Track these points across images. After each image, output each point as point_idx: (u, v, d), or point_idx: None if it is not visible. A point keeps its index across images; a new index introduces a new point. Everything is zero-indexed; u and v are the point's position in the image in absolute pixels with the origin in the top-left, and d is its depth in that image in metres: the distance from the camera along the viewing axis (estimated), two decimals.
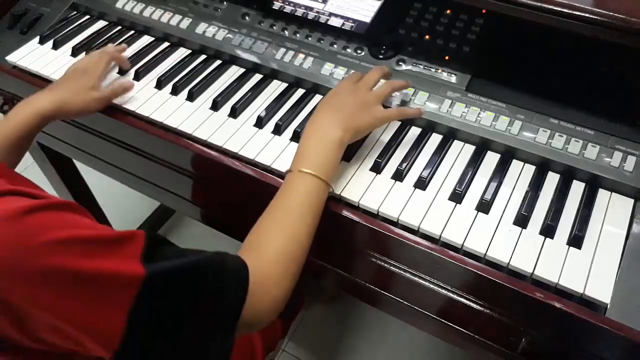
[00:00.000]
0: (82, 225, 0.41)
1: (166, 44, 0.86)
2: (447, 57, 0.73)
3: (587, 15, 0.62)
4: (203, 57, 0.83)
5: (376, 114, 0.64)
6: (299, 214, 0.54)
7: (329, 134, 0.60)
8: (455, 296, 0.62)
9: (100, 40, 0.87)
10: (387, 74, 0.70)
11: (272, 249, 0.52)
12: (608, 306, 0.51)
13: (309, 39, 0.79)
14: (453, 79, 0.71)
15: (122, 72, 0.81)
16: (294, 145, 0.69)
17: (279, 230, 0.53)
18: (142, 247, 0.42)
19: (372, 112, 0.64)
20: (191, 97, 0.76)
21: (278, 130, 0.71)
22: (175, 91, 0.77)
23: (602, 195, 0.61)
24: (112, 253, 0.41)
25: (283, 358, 1.32)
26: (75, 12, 0.94)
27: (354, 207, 0.62)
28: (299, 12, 0.81)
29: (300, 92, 0.77)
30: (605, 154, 0.62)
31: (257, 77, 0.80)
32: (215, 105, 0.74)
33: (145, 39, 0.88)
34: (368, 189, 0.63)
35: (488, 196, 0.61)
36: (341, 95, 0.65)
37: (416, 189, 0.63)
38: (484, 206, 0.60)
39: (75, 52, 0.85)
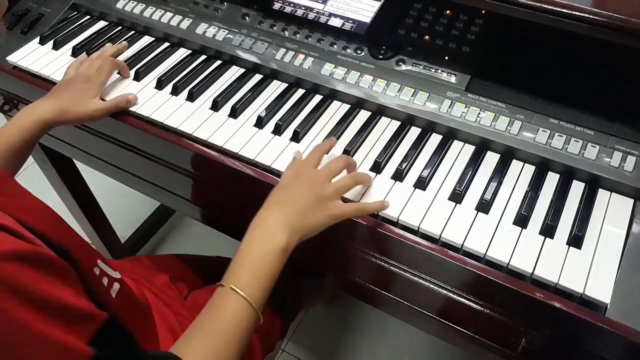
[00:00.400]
0: (50, 284, 0.40)
1: (166, 44, 0.86)
2: (446, 58, 0.73)
3: (586, 15, 0.62)
4: (203, 57, 0.83)
5: (332, 211, 0.57)
6: (226, 339, 0.51)
7: (273, 239, 0.54)
8: (455, 296, 0.62)
9: (101, 41, 0.87)
10: (352, 165, 0.63)
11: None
12: (608, 306, 0.52)
13: (309, 39, 0.79)
14: (453, 79, 0.71)
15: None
16: (294, 145, 0.69)
17: (207, 348, 0.50)
18: (95, 330, 0.42)
19: (327, 209, 0.57)
20: (191, 97, 0.76)
21: (278, 130, 0.71)
22: (175, 91, 0.77)
23: (602, 195, 0.61)
24: (66, 324, 0.40)
25: (283, 358, 1.32)
26: (75, 13, 0.94)
27: None
28: (299, 12, 0.81)
29: (300, 92, 0.77)
30: (605, 154, 0.62)
31: (257, 77, 0.80)
32: (216, 106, 0.74)
33: (146, 39, 0.88)
34: (368, 190, 0.63)
35: (488, 196, 0.61)
36: (296, 186, 0.58)
37: (416, 189, 0.63)
38: (483, 206, 0.60)
39: (75, 52, 0.86)
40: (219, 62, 0.82)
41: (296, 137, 0.70)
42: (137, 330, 0.59)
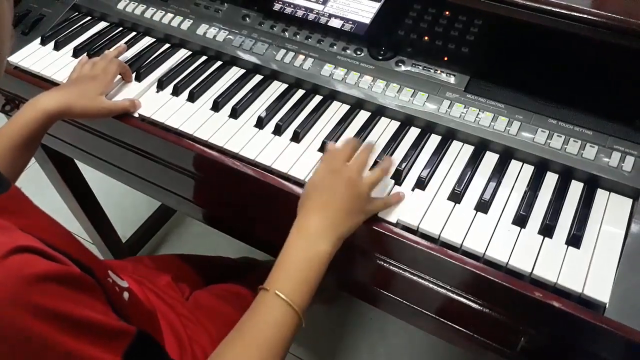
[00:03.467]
0: (82, 304, 0.41)
1: (167, 45, 0.87)
2: (446, 58, 0.73)
3: (585, 16, 0.62)
4: (204, 58, 0.84)
5: (367, 207, 0.58)
6: (269, 345, 0.50)
7: (316, 246, 0.54)
8: (454, 296, 0.62)
9: (102, 42, 0.88)
10: (371, 148, 0.63)
11: None
12: (607, 306, 0.52)
13: (309, 40, 0.79)
14: (452, 79, 0.72)
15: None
16: (294, 145, 0.70)
17: (250, 355, 0.50)
18: (127, 345, 0.43)
19: (363, 207, 0.58)
20: (192, 97, 0.76)
21: (278, 130, 0.71)
22: (176, 92, 0.78)
23: (601, 195, 0.61)
24: (99, 341, 0.40)
25: None
26: (76, 13, 0.94)
27: None
28: (299, 13, 0.81)
29: (300, 92, 0.77)
30: (604, 154, 0.62)
31: (258, 78, 0.80)
32: (216, 106, 0.75)
33: (147, 40, 0.88)
34: None
35: (487, 196, 0.61)
36: (335, 187, 0.57)
37: (415, 189, 0.63)
38: (482, 206, 0.60)
39: (76, 53, 0.86)
40: (219, 62, 0.83)
41: (296, 138, 0.70)
42: None
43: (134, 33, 0.90)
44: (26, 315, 0.36)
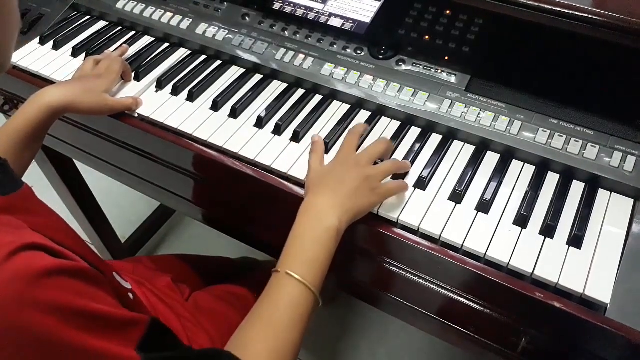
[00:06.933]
0: (93, 297, 0.40)
1: (166, 45, 0.86)
2: (446, 58, 0.73)
3: (586, 15, 0.62)
4: (203, 57, 0.83)
5: (379, 189, 0.58)
6: (287, 325, 0.50)
7: (324, 223, 0.54)
8: (455, 296, 0.62)
9: (101, 41, 0.88)
10: (391, 148, 0.64)
11: (263, 352, 0.49)
12: (608, 306, 0.52)
13: (309, 39, 0.79)
14: (453, 79, 0.71)
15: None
16: (294, 145, 0.69)
17: (268, 336, 0.50)
18: (141, 335, 0.42)
19: (375, 188, 0.58)
20: (191, 97, 0.76)
21: (278, 130, 0.71)
22: (175, 91, 0.77)
23: (602, 195, 0.61)
24: (112, 334, 0.40)
25: None
26: (75, 13, 0.94)
27: None
28: (299, 12, 0.81)
29: (300, 92, 0.77)
30: (605, 154, 0.62)
31: (257, 77, 0.80)
32: (216, 106, 0.75)
33: (146, 40, 0.88)
34: None
35: (488, 196, 0.61)
36: (342, 168, 0.59)
37: (416, 189, 0.63)
38: (483, 206, 0.60)
39: (75, 52, 0.86)
40: (219, 62, 0.82)
41: (296, 137, 0.70)
42: None
43: (133, 32, 0.89)
44: (36, 312, 0.36)
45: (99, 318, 0.39)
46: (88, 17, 0.93)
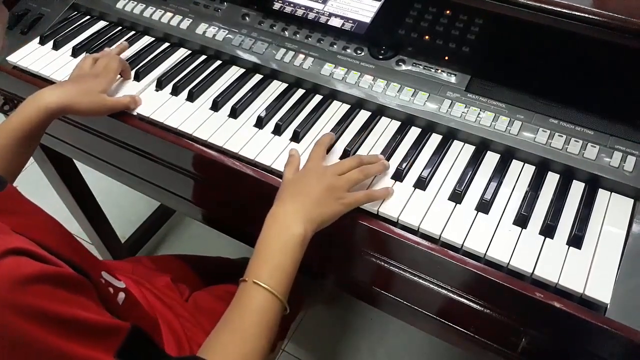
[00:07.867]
0: (74, 304, 0.40)
1: (166, 45, 0.86)
2: (446, 58, 0.73)
3: (586, 15, 0.62)
4: (203, 57, 0.83)
5: (344, 199, 0.58)
6: (254, 330, 0.51)
7: (290, 230, 0.55)
8: (455, 296, 0.62)
9: (101, 41, 0.87)
10: (364, 163, 0.63)
11: (231, 355, 0.50)
12: (608, 306, 0.52)
13: (309, 39, 0.79)
14: (453, 79, 0.71)
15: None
16: (294, 145, 0.69)
17: (236, 341, 0.51)
18: (121, 342, 0.43)
19: (340, 198, 0.58)
20: (191, 97, 0.76)
21: (278, 130, 0.71)
22: (175, 91, 0.77)
23: (602, 195, 0.61)
24: (92, 340, 0.40)
25: (283, 358, 1.32)
26: (75, 13, 0.94)
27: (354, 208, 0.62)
28: (299, 12, 0.81)
29: (300, 92, 0.77)
30: (605, 154, 0.62)
31: (257, 77, 0.80)
32: (216, 106, 0.74)
33: (146, 40, 0.88)
34: (369, 189, 0.63)
35: (488, 196, 0.61)
36: (307, 179, 0.60)
37: (416, 189, 0.63)
38: (483, 206, 0.60)
39: (75, 52, 0.86)
40: (219, 62, 0.82)
41: (296, 137, 0.70)
42: None
43: (132, 32, 0.89)
44: (17, 318, 0.36)
45: (80, 325, 0.40)
46: (88, 17, 0.93)
